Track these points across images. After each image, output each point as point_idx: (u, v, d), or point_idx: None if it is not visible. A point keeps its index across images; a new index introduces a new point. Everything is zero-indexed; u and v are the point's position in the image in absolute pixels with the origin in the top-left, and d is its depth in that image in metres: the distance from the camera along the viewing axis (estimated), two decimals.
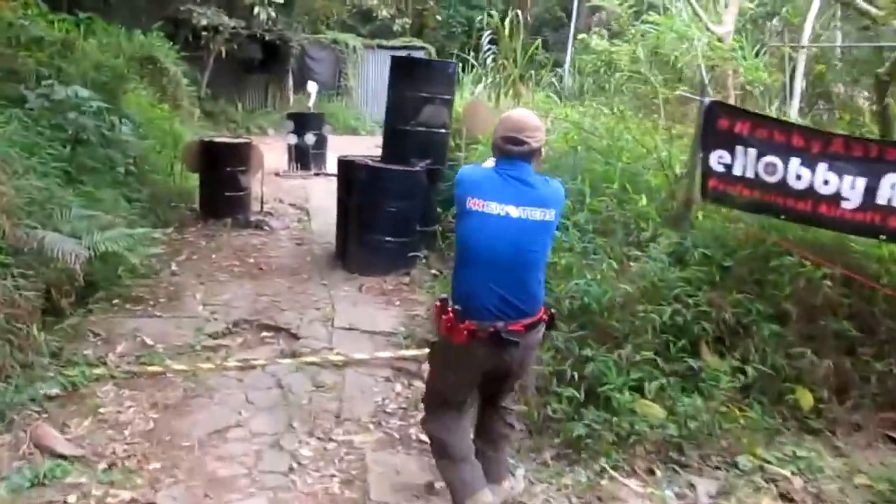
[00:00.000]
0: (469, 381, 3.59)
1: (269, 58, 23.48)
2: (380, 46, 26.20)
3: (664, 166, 6.68)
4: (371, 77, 25.59)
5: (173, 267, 8.10)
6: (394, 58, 8.45)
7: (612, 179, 6.62)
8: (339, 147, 16.10)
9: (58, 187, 6.68)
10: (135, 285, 7.24)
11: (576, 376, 4.78)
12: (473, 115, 9.15)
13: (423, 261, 8.28)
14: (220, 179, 10.63)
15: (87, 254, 5.77)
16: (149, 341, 6.09)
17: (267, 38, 21.81)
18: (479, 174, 3.41)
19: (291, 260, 8.76)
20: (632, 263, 5.53)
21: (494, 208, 3.26)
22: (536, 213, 3.29)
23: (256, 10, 18.75)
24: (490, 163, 3.54)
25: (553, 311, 3.74)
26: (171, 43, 15.71)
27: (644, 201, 6.14)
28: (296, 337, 6.37)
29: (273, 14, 19.07)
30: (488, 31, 11.82)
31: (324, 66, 24.88)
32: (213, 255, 8.75)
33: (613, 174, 6.70)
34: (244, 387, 5.44)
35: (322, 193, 12.99)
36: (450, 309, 3.40)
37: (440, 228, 8.05)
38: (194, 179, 11.51)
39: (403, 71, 8.27)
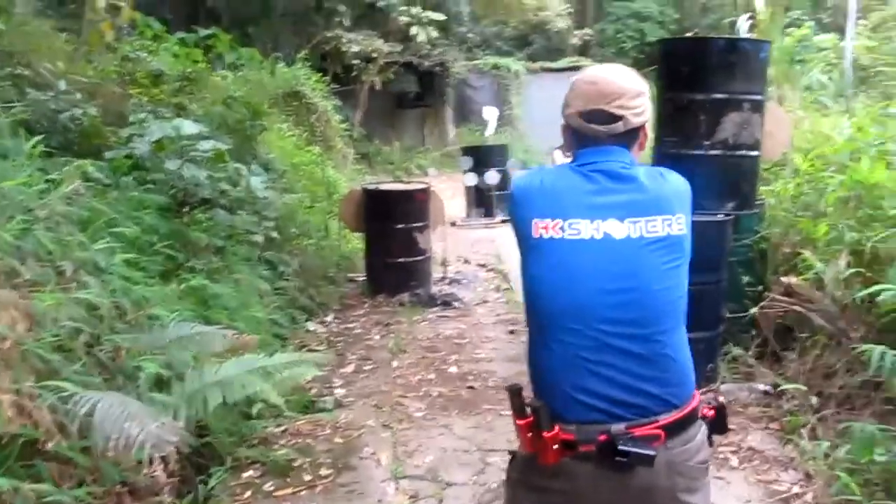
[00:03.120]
0: None
1: (426, 89, 20.91)
2: (544, 69, 23.28)
3: None
4: (536, 104, 22.72)
5: (338, 391, 5.22)
6: (666, 42, 5.35)
7: None
8: None
9: (145, 287, 3.91)
10: (279, 438, 4.39)
11: None
12: (770, 125, 5.86)
13: (732, 364, 5.12)
14: (392, 240, 7.80)
15: (177, 439, 2.88)
16: None
17: (424, 65, 19.19)
18: (547, 178, 2.04)
19: (512, 365, 5.69)
20: None
21: (584, 229, 1.93)
22: (657, 226, 1.94)
23: (415, 30, 16.11)
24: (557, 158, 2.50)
25: (718, 399, 2.15)
26: (320, 75, 13.45)
27: None
28: None
29: (434, 34, 16.40)
30: (745, 16, 8.68)
31: (484, 95, 22.12)
32: (395, 362, 5.81)
33: None
34: None
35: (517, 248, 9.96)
36: (528, 409, 1.93)
37: (755, 311, 4.95)
38: (357, 240, 8.76)
39: (686, 61, 5.10)
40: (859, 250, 4.69)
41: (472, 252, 9.95)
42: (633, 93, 2.03)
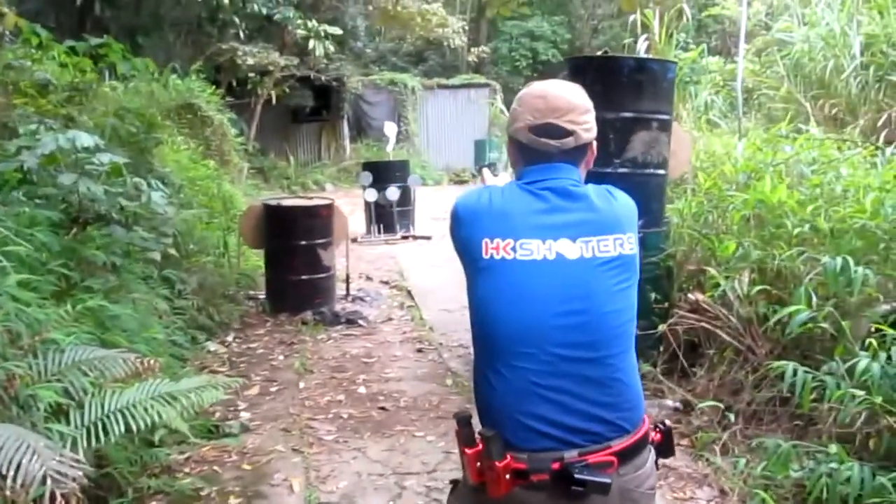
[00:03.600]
0: None
1: (322, 104, 20.65)
2: (439, 86, 23.40)
3: None
4: (432, 120, 22.83)
5: (243, 415, 5.02)
6: (576, 60, 5.38)
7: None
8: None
9: (37, 309, 3.65)
10: (183, 466, 4.18)
11: None
12: (673, 144, 5.98)
13: (641, 381, 5.12)
14: (294, 257, 7.61)
15: (80, 474, 2.67)
16: None
17: (322, 80, 18.95)
18: (496, 197, 1.95)
19: (422, 384, 5.62)
20: None
21: (536, 249, 1.86)
22: (610, 245, 1.89)
23: (312, 44, 15.87)
24: (498, 179, 2.31)
25: (665, 423, 2.10)
26: (214, 88, 13.10)
27: None
28: None
29: (332, 49, 16.20)
30: (643, 38, 8.83)
31: (381, 110, 21.99)
32: (302, 383, 5.63)
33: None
34: None
35: (420, 264, 9.92)
36: (477, 437, 1.88)
37: (664, 328, 5.02)
38: (256, 257, 8.53)
39: (596, 80, 5.10)
40: (762, 267, 4.81)
41: (373, 269, 9.82)
42: (582, 108, 1.98)
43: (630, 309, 1.95)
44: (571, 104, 1.96)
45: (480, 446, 1.89)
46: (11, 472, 2.54)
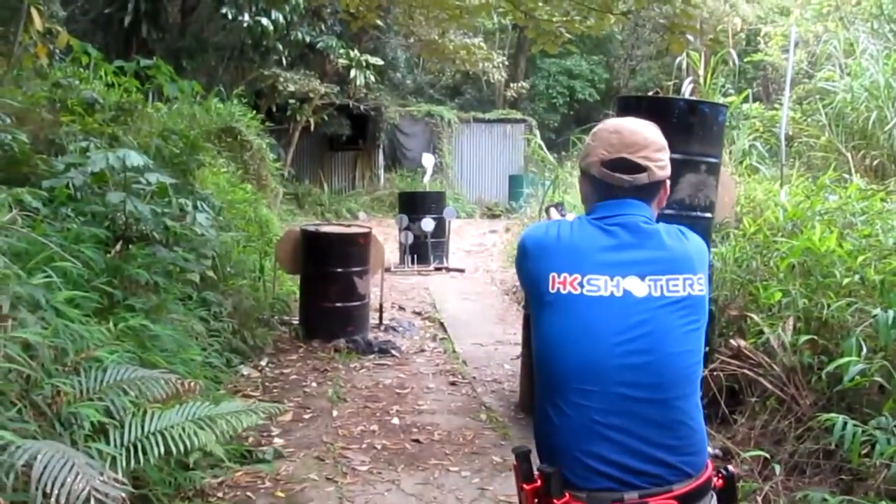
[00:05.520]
0: None
1: (358, 132, 20.77)
2: (476, 120, 23.40)
3: None
4: (467, 153, 22.84)
5: (276, 441, 4.98)
6: (626, 99, 5.36)
7: None
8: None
9: (80, 325, 3.65)
10: (216, 490, 4.14)
11: None
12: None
13: None
14: (330, 283, 7.59)
15: (124, 495, 2.65)
16: None
17: (360, 109, 19.09)
18: (564, 231, 1.94)
19: (455, 418, 5.56)
20: None
21: (603, 286, 1.84)
22: (679, 285, 1.86)
23: (353, 73, 16.04)
24: (553, 217, 2.51)
25: (728, 469, 2.01)
26: (254, 113, 13.23)
27: None
28: None
29: (372, 79, 16.35)
30: (688, 80, 8.80)
31: (416, 141, 22.06)
32: (335, 412, 5.58)
33: None
34: None
35: (453, 296, 9.89)
36: (536, 473, 1.86)
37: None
38: (290, 282, 8.55)
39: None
40: (808, 316, 4.72)
41: (406, 299, 9.80)
42: (657, 145, 1.97)
43: (697, 351, 1.91)
44: (647, 140, 1.95)
45: (539, 483, 1.86)
46: (56, 490, 2.53)
